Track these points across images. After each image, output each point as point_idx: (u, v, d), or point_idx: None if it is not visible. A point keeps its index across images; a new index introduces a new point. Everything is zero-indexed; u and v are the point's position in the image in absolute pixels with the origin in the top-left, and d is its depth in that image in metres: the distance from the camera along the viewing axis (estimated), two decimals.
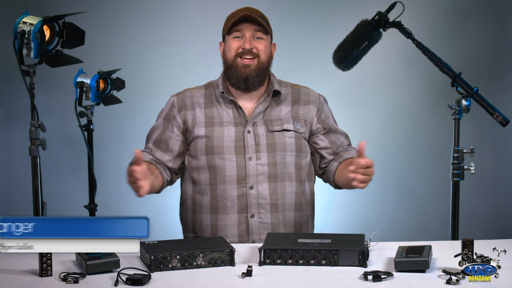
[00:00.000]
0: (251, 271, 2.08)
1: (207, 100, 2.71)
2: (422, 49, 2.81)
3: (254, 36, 2.64)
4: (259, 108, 2.68)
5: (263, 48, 2.65)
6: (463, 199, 3.04)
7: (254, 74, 2.63)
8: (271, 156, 2.64)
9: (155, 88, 4.33)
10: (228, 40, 2.67)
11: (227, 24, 2.69)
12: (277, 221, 2.64)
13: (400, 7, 2.83)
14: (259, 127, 2.66)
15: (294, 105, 2.72)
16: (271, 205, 2.63)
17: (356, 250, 2.16)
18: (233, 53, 2.65)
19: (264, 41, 2.66)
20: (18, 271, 2.13)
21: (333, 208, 4.32)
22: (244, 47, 2.63)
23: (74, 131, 3.97)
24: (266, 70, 2.68)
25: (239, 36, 2.65)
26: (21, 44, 2.99)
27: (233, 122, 2.66)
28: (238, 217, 2.62)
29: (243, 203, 2.62)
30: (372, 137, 4.42)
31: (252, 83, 2.64)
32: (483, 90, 2.83)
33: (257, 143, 2.64)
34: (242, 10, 2.68)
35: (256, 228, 2.62)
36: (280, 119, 2.69)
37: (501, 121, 2.71)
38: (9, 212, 4.40)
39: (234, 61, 2.64)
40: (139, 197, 2.39)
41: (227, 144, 2.63)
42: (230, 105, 2.69)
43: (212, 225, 2.64)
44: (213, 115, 2.68)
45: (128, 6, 4.33)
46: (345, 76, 3.26)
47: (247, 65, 2.63)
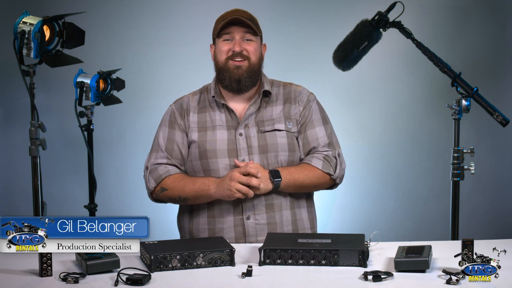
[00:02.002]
0: (251, 271, 2.08)
1: (200, 105, 2.73)
2: (422, 49, 2.81)
3: (244, 38, 2.65)
4: (250, 110, 2.68)
5: (253, 50, 2.66)
6: (463, 199, 3.04)
7: (246, 75, 2.64)
8: (264, 157, 2.63)
9: (155, 88, 4.33)
10: (218, 43, 2.69)
11: (216, 27, 2.70)
12: (273, 221, 2.63)
13: (400, 7, 2.83)
14: (250, 129, 2.66)
15: (286, 104, 2.72)
16: (266, 205, 2.63)
17: (356, 250, 2.16)
18: (224, 56, 2.66)
19: (254, 42, 2.67)
20: (18, 271, 2.13)
21: (333, 208, 4.32)
22: (234, 49, 2.64)
23: (74, 131, 3.98)
24: (257, 72, 2.68)
25: (229, 38, 2.66)
26: (21, 44, 2.99)
27: (225, 126, 2.67)
28: (234, 220, 2.62)
29: (238, 206, 2.62)
30: (372, 137, 4.42)
31: (245, 83, 2.65)
32: (483, 90, 2.83)
33: (249, 145, 2.64)
34: (231, 12, 2.69)
35: (252, 230, 2.61)
36: (272, 119, 2.69)
37: (501, 121, 2.71)
38: (9, 212, 4.40)
39: (225, 64, 2.66)
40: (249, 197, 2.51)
41: (219, 148, 2.63)
42: (223, 109, 2.70)
43: (209, 228, 2.64)
44: (205, 119, 2.69)
45: (128, 6, 4.33)
46: (345, 76, 3.26)
47: (239, 66, 2.64)
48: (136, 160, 4.17)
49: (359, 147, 4.29)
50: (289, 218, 2.67)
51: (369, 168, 4.33)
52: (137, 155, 4.03)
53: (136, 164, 4.18)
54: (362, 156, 4.36)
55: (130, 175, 4.35)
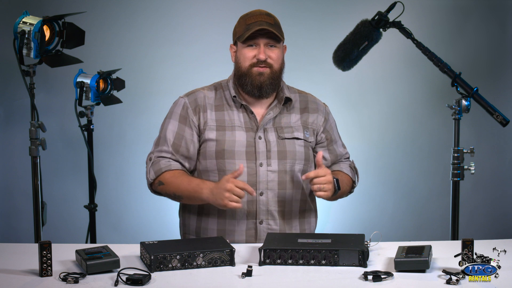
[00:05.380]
0: (251, 271, 2.08)
1: (218, 103, 2.68)
2: (422, 49, 2.81)
3: (268, 44, 2.61)
4: (270, 115, 2.66)
5: (276, 57, 2.62)
6: (463, 199, 3.05)
7: (268, 82, 2.61)
8: (281, 163, 2.62)
9: (155, 88, 4.33)
10: (242, 48, 2.63)
11: (240, 30, 2.63)
12: (283, 228, 2.63)
13: (400, 7, 2.83)
14: (269, 134, 2.64)
15: (303, 113, 2.71)
16: (279, 212, 2.63)
17: (356, 250, 2.16)
18: (248, 63, 2.61)
19: (278, 49, 2.63)
20: (18, 271, 2.13)
21: (333, 208, 4.32)
22: (258, 57, 2.59)
23: (74, 131, 3.98)
24: (278, 78, 2.65)
25: (253, 44, 2.61)
26: (21, 44, 2.99)
27: (244, 127, 2.64)
28: (246, 223, 2.61)
29: (253, 209, 2.61)
30: (372, 137, 4.42)
31: (266, 90, 2.62)
32: (483, 90, 2.83)
33: (268, 149, 2.62)
34: (256, 16, 2.62)
35: (264, 234, 2.59)
36: (291, 127, 2.68)
37: (501, 121, 2.71)
38: (9, 212, 4.40)
39: (249, 70, 2.61)
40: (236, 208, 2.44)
41: (238, 149, 2.61)
42: (241, 109, 2.67)
43: (219, 229, 2.62)
44: (224, 118, 2.65)
45: (128, 6, 4.33)
46: (345, 76, 3.26)
47: (262, 73, 2.60)
48: (136, 160, 4.17)
49: (359, 147, 4.28)
50: (297, 226, 2.67)
51: (369, 168, 4.33)
52: (137, 155, 4.04)
53: (136, 164, 4.19)
54: (362, 156, 4.35)
55: (130, 175, 4.35)
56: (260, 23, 2.58)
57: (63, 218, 4.29)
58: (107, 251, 2.17)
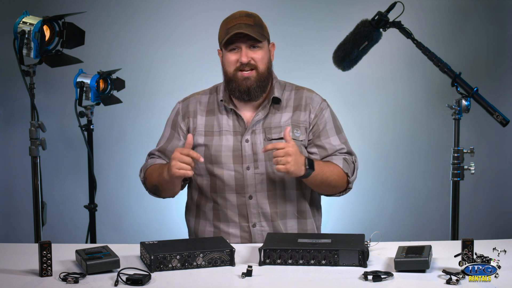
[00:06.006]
0: (251, 271, 2.08)
1: (209, 108, 2.69)
2: (422, 49, 2.81)
3: (251, 46, 2.56)
4: (258, 116, 2.63)
5: (260, 58, 2.58)
6: (463, 199, 3.04)
7: (255, 85, 2.58)
8: (270, 165, 2.59)
9: (155, 88, 4.33)
10: (225, 53, 2.60)
11: (221, 35, 2.60)
12: (279, 229, 2.62)
13: (400, 7, 2.83)
14: (257, 136, 2.62)
15: (295, 111, 2.66)
16: (272, 214, 2.62)
17: (356, 250, 2.16)
18: (232, 68, 2.58)
19: (261, 49, 2.58)
20: (18, 271, 2.13)
21: (333, 208, 4.32)
22: (241, 61, 2.55)
23: (74, 131, 3.97)
24: (266, 79, 2.61)
25: (235, 48, 2.57)
26: (21, 44, 2.99)
27: (232, 131, 2.63)
28: (240, 226, 2.62)
29: (244, 213, 2.61)
30: (372, 137, 4.42)
31: (254, 93, 2.59)
32: (483, 90, 2.83)
33: (254, 152, 2.61)
34: (234, 19, 2.57)
35: (258, 237, 2.60)
36: (280, 127, 2.63)
37: (501, 121, 2.71)
38: (9, 212, 4.40)
39: (234, 75, 2.58)
40: (187, 176, 2.42)
41: (225, 154, 2.61)
42: (231, 113, 2.66)
43: (215, 232, 2.64)
44: (213, 123, 2.66)
45: (128, 6, 4.33)
46: (345, 76, 3.26)
47: (247, 77, 2.57)
48: (136, 160, 4.16)
49: (359, 147, 4.24)
50: (294, 226, 2.65)
51: (369, 168, 4.33)
52: (137, 155, 4.02)
53: (136, 164, 4.16)
54: (362, 156, 4.32)
55: (130, 175, 4.34)
56: (238, 26, 2.54)
57: (63, 218, 4.29)
58: (107, 251, 2.17)
